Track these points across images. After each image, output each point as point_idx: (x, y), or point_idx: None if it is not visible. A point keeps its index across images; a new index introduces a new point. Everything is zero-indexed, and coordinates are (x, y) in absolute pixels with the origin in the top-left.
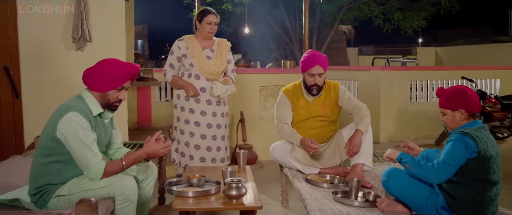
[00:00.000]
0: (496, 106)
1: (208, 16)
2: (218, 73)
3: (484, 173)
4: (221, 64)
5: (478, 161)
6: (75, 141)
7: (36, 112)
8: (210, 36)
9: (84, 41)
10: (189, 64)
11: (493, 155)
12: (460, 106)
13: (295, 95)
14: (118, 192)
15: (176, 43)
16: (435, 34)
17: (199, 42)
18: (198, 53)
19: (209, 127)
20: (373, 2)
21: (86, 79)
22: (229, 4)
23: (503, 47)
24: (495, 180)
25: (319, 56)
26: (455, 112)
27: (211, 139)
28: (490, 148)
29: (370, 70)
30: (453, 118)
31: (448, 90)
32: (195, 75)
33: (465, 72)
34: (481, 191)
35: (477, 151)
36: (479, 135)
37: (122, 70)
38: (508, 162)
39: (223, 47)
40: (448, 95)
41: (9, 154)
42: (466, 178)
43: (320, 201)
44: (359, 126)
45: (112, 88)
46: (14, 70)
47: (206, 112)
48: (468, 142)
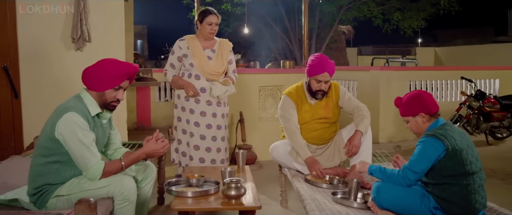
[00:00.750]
0: (495, 106)
1: (208, 17)
2: (218, 74)
3: (461, 167)
4: (222, 64)
5: (449, 157)
6: (74, 141)
7: (35, 112)
8: (211, 37)
9: (83, 41)
10: (189, 64)
11: (463, 147)
12: (419, 110)
13: (299, 98)
14: (117, 192)
15: (177, 43)
16: (434, 35)
17: (200, 42)
18: (198, 54)
19: (208, 128)
20: (373, 2)
21: (85, 79)
22: (229, 4)
23: (502, 48)
24: (474, 170)
25: (328, 63)
26: (416, 117)
27: (210, 140)
28: (458, 141)
29: (370, 70)
30: (416, 123)
31: (404, 99)
32: (195, 76)
33: (465, 72)
34: (464, 185)
35: (445, 148)
36: (443, 132)
37: (119, 70)
38: (508, 162)
39: (225, 47)
40: (405, 104)
41: (9, 154)
42: (445, 177)
43: (319, 201)
44: (359, 126)
45: (109, 87)
46: (13, 70)
47: (205, 113)
48: (433, 143)
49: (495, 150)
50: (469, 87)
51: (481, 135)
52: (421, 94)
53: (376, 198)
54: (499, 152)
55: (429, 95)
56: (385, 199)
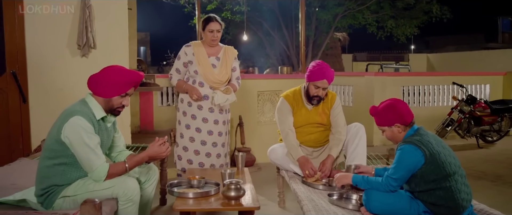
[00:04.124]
0: (486, 111)
1: (210, 24)
2: (221, 82)
3: (441, 170)
4: (226, 73)
5: (429, 162)
6: (80, 144)
7: (42, 116)
8: (214, 44)
9: (88, 48)
10: (194, 72)
11: (439, 150)
12: (394, 121)
13: (296, 102)
14: (121, 193)
15: (183, 49)
16: (427, 41)
17: (205, 49)
18: (203, 61)
19: (210, 134)
20: (367, 10)
21: (91, 85)
22: (229, 12)
23: (493, 54)
24: (454, 170)
25: (328, 71)
26: (392, 127)
27: (211, 145)
28: (434, 145)
29: (364, 76)
30: (392, 132)
31: (379, 108)
32: (199, 83)
33: (456, 78)
34: (447, 187)
35: (423, 154)
36: (419, 139)
37: (126, 78)
38: (498, 165)
39: (229, 55)
40: (380, 114)
41: (17, 156)
42: (428, 183)
43: (316, 202)
44: (332, 151)
45: (116, 94)
46: (21, 76)
47: (207, 119)
48: (411, 150)
49: (486, 153)
50: (461, 92)
51: (472, 138)
52: (395, 105)
53: (367, 205)
54: (489, 155)
55: (404, 105)
56: (375, 206)
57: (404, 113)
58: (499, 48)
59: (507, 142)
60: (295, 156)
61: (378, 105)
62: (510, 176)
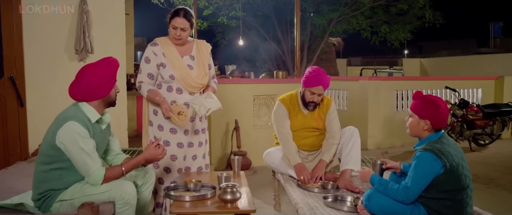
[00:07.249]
0: (478, 114)
1: (174, 19)
2: (202, 85)
3: (457, 182)
4: (205, 74)
5: (447, 174)
6: (75, 149)
7: (40, 120)
8: (177, 43)
9: (86, 53)
10: (169, 77)
11: (459, 162)
12: (428, 117)
13: (292, 106)
14: (118, 197)
15: (150, 49)
16: (420, 46)
17: (175, 47)
18: (178, 63)
19: (190, 146)
20: (361, 16)
21: (80, 96)
22: (225, 18)
23: (485, 59)
24: (468, 184)
25: (324, 77)
26: (421, 120)
27: (191, 159)
28: (454, 156)
29: (359, 80)
30: (417, 124)
31: (424, 97)
32: (177, 89)
33: (449, 82)
34: (458, 199)
35: (443, 165)
36: (441, 148)
37: (110, 71)
38: (490, 168)
39: (204, 51)
40: (422, 102)
41: (15, 160)
42: (441, 192)
43: (311, 205)
44: (325, 156)
45: (111, 88)
46: (19, 80)
47: (188, 131)
48: (431, 161)
49: (478, 156)
50: (453, 96)
51: (464, 142)
52: (439, 104)
53: (367, 206)
54: (481, 158)
55: (446, 110)
56: (376, 208)
57: (441, 117)
58: (490, 53)
59: (499, 145)
60: (293, 162)
61: (426, 94)
62: (502, 178)
